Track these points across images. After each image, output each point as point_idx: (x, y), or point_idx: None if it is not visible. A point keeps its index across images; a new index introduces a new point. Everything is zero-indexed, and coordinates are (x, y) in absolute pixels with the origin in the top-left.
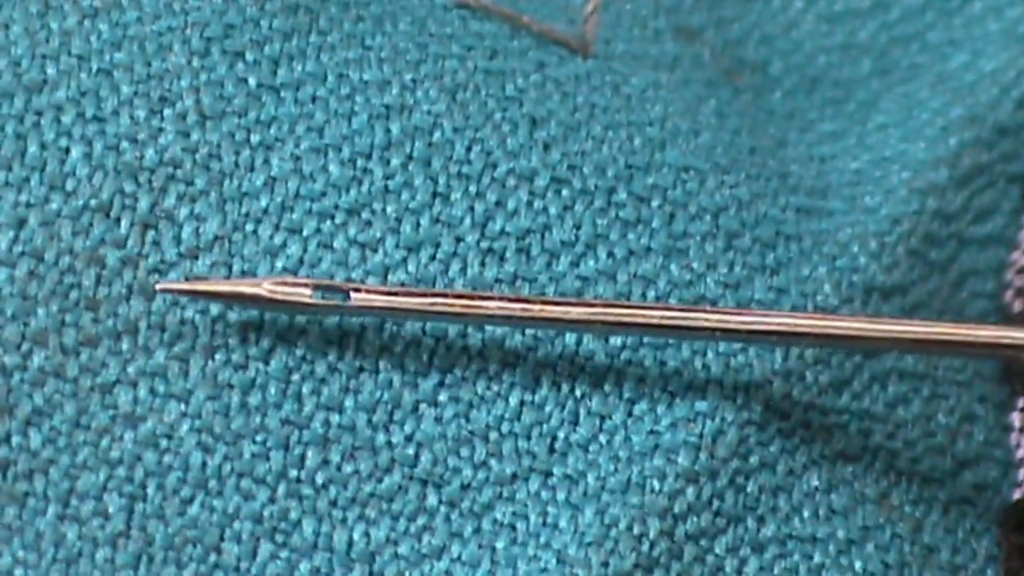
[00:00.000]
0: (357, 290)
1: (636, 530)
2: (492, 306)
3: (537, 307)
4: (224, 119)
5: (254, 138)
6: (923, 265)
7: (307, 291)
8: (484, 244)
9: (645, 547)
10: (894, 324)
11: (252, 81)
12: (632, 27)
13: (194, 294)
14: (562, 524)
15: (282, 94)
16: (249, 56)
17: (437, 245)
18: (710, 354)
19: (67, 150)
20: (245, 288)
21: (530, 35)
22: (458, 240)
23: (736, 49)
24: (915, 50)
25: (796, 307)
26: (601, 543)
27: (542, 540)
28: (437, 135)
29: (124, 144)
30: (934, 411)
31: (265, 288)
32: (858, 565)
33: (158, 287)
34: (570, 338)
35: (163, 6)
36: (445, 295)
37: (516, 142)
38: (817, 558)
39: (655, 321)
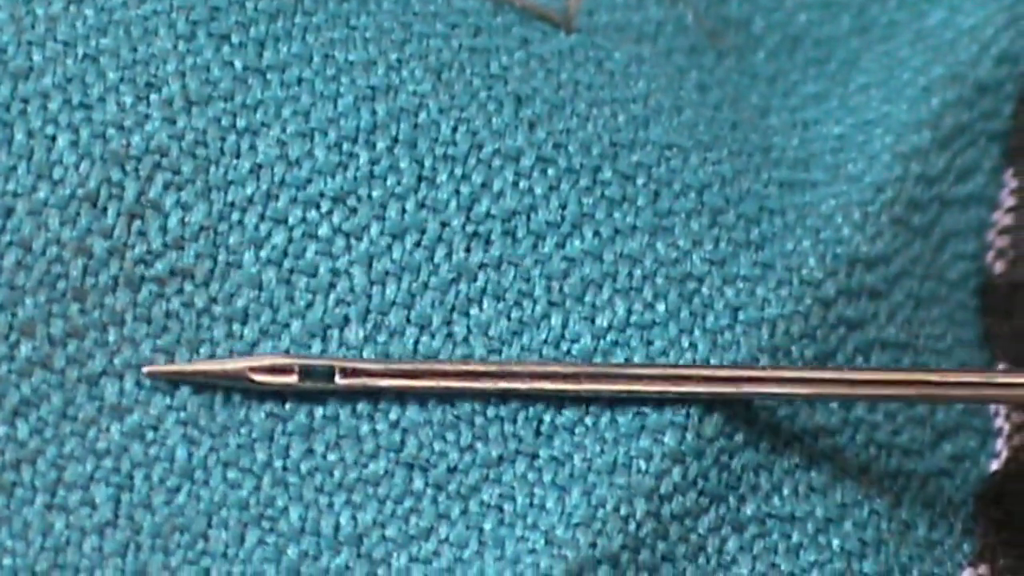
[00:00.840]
0: (344, 370)
1: (623, 511)
2: (483, 385)
3: (525, 384)
4: (210, 104)
5: (240, 123)
6: (906, 232)
7: (294, 377)
8: (470, 228)
9: (632, 527)
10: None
11: (238, 64)
12: None
13: (182, 376)
14: (549, 505)
15: (268, 76)
16: (235, 38)
17: (423, 231)
18: (697, 332)
19: (54, 138)
20: (231, 367)
21: (513, 11)
22: (443, 225)
23: (720, 7)
24: (893, 6)
25: (781, 282)
26: (589, 524)
27: (529, 521)
28: (423, 116)
29: (111, 131)
30: None
31: (249, 373)
32: (835, 543)
33: (145, 371)
34: (556, 323)
35: None
36: (435, 373)
37: (502, 121)
38: (795, 537)
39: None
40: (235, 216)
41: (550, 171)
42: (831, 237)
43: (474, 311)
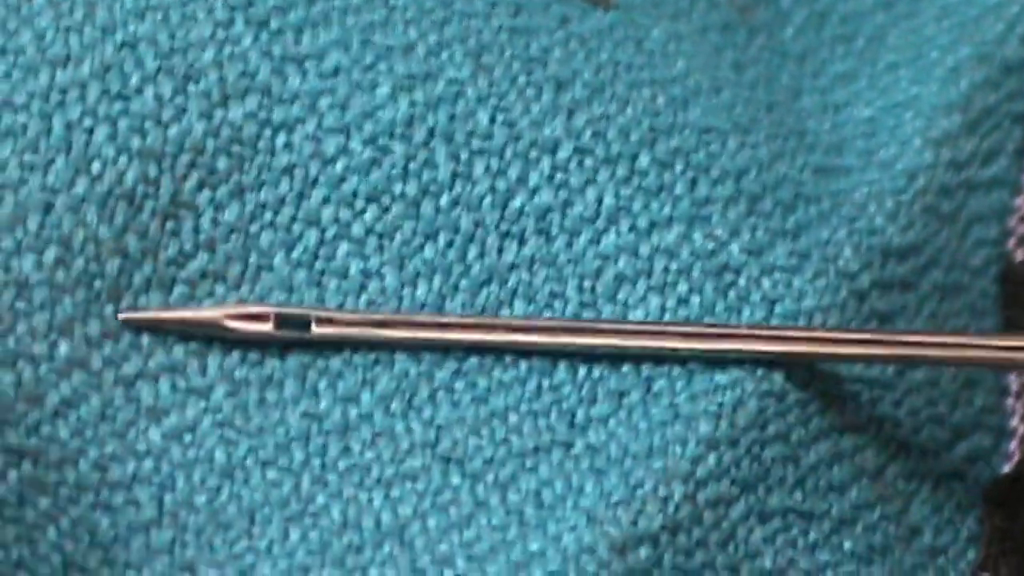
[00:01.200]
0: (319, 319)
1: (661, 492)
2: (460, 336)
3: (503, 336)
4: (247, 96)
5: (276, 117)
6: (935, 220)
7: (268, 325)
8: (504, 226)
9: (671, 509)
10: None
11: (276, 52)
12: None
13: (158, 323)
14: (588, 488)
15: (305, 65)
16: (274, 23)
17: (456, 229)
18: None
19: (91, 130)
20: (207, 314)
21: None
22: (477, 224)
23: None
24: None
25: (817, 273)
26: (628, 503)
27: (569, 503)
28: (461, 105)
29: (148, 124)
30: (939, 375)
31: (225, 320)
32: (847, 545)
33: (121, 317)
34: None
35: None
36: (409, 323)
37: (540, 109)
38: (812, 535)
39: (625, 341)
40: (267, 216)
41: (587, 161)
42: (865, 227)
43: (504, 312)
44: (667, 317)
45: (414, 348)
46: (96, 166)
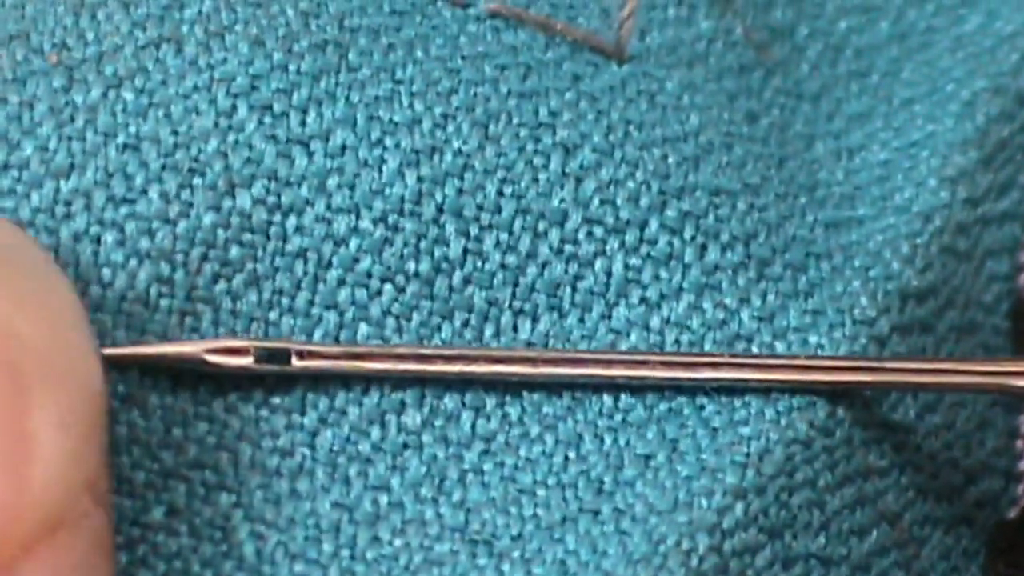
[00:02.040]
0: (300, 352)
1: (685, 545)
2: (443, 369)
3: (486, 367)
4: (254, 182)
5: (285, 200)
6: (953, 259)
7: (248, 359)
8: (516, 304)
9: (694, 562)
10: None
11: (281, 135)
12: (667, 5)
13: (138, 358)
14: (611, 551)
15: (311, 147)
16: (277, 107)
17: (470, 309)
18: (747, 393)
19: (99, 239)
20: (186, 349)
21: (565, 43)
22: (490, 303)
23: (765, 15)
24: (930, 11)
25: (833, 326)
26: (649, 560)
27: (592, 567)
28: (468, 178)
29: (156, 224)
30: (955, 418)
31: (204, 353)
32: None
33: (105, 352)
34: (608, 396)
35: (188, 64)
36: (390, 356)
37: (548, 178)
38: None
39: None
40: (285, 302)
41: (596, 231)
42: (881, 274)
43: (524, 392)
44: (682, 387)
45: (397, 380)
46: (106, 273)
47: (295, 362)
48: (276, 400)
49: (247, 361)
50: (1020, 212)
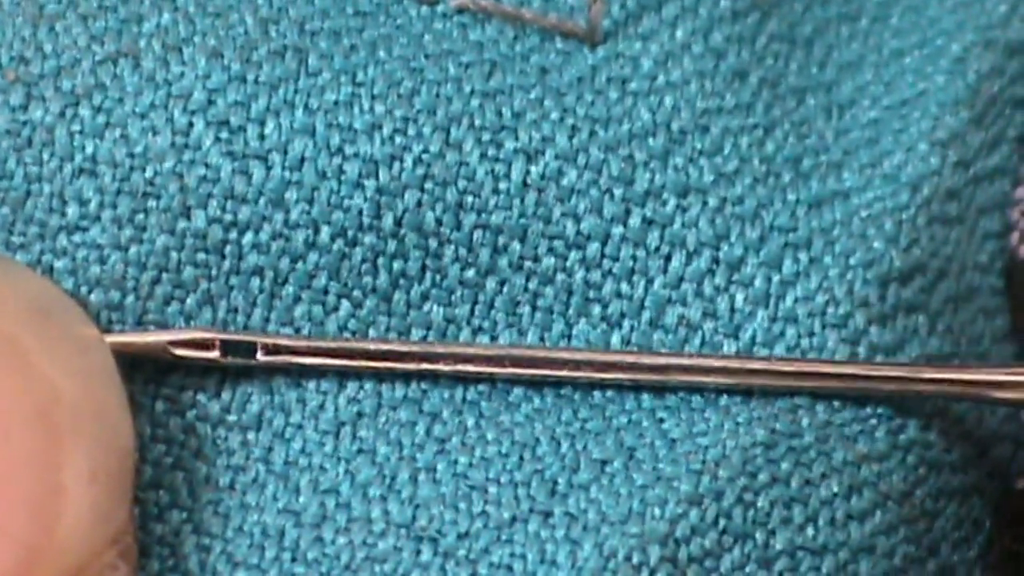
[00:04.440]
0: (265, 346)
1: (635, 559)
2: (404, 366)
3: (448, 367)
4: (210, 201)
5: (241, 217)
6: (943, 227)
7: (215, 353)
8: (476, 321)
9: (644, 575)
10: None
11: (238, 150)
12: None
13: None
14: (560, 560)
15: (269, 160)
16: (234, 121)
17: (428, 326)
18: (709, 411)
19: (51, 267)
20: (152, 338)
21: (534, 33)
22: (448, 320)
23: None
24: None
25: (801, 335)
26: (599, 575)
27: None
28: (428, 186)
29: (107, 251)
30: None
31: (171, 348)
32: (863, 572)
33: None
34: (567, 408)
35: (145, 80)
36: (356, 351)
37: (509, 188)
38: (824, 568)
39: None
40: (239, 320)
41: (556, 245)
42: (862, 260)
43: (483, 403)
44: (644, 398)
45: (362, 375)
46: None
47: (260, 356)
48: (232, 418)
49: (213, 354)
50: (1010, 167)
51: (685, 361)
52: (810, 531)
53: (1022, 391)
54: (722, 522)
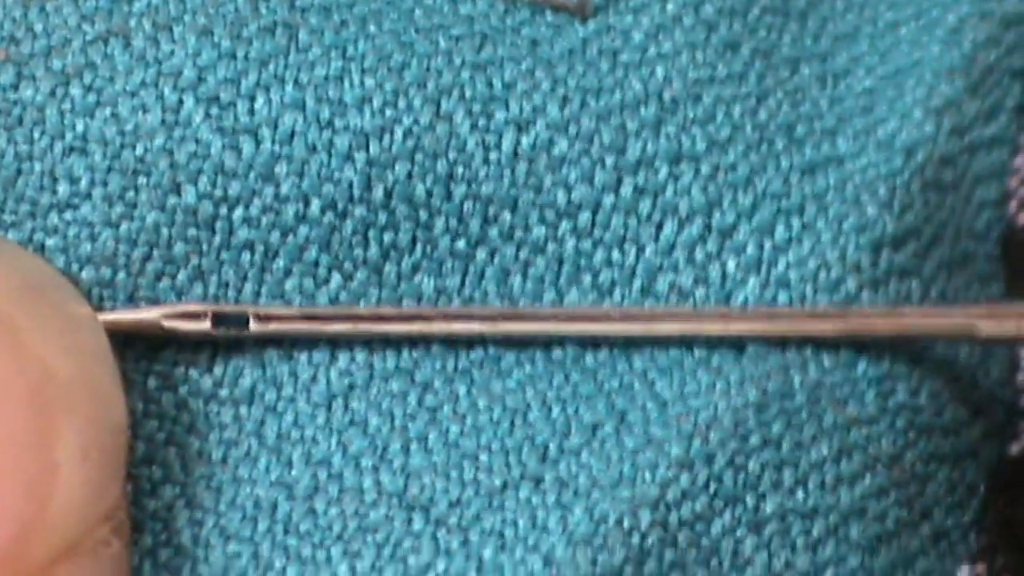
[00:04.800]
0: (257, 315)
1: (626, 523)
2: (397, 328)
3: (439, 325)
4: (200, 177)
5: (232, 192)
6: (937, 193)
7: (206, 324)
8: (465, 291)
9: (635, 539)
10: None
11: (228, 125)
12: None
13: None
14: (551, 525)
15: (259, 135)
16: (224, 97)
17: (419, 297)
18: (700, 371)
19: (42, 245)
20: (143, 315)
21: (524, 6)
22: (439, 292)
23: None
24: None
25: (793, 300)
26: (590, 540)
27: (530, 543)
28: (419, 158)
29: (98, 228)
30: (956, 353)
31: (164, 320)
32: (854, 536)
33: None
34: (559, 374)
35: (135, 59)
36: (346, 317)
37: (499, 158)
38: (815, 532)
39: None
40: (230, 295)
41: (548, 214)
42: (854, 224)
43: (474, 371)
44: (634, 359)
45: (354, 341)
46: None
47: (253, 326)
48: (224, 393)
49: (204, 325)
50: (1008, 136)
51: (677, 312)
52: (800, 494)
53: (1005, 325)
54: (713, 486)
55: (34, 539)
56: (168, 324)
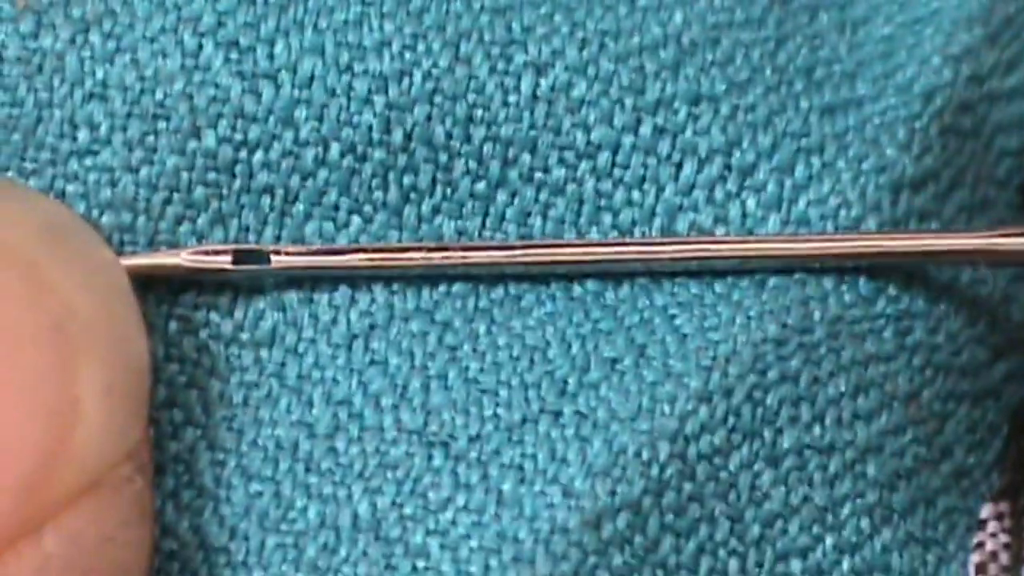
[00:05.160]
0: (277, 252)
1: (645, 455)
2: (416, 257)
3: (459, 254)
4: (220, 121)
5: (252, 136)
6: (956, 138)
7: (227, 258)
8: (486, 233)
9: (655, 471)
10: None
11: (248, 69)
12: None
13: None
14: (570, 457)
15: (279, 79)
16: (244, 41)
17: (440, 238)
18: (721, 307)
19: (63, 192)
20: (164, 260)
21: None
22: (460, 233)
23: None
24: None
25: (814, 235)
26: (608, 472)
27: (549, 476)
28: (438, 101)
29: (118, 173)
30: (976, 294)
31: (184, 258)
32: (871, 472)
33: None
34: (579, 311)
35: (155, 5)
36: (366, 249)
37: (518, 101)
38: (832, 467)
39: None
40: (251, 239)
41: (567, 156)
42: (874, 165)
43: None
44: (653, 293)
45: (374, 281)
46: None
47: (274, 260)
48: (245, 336)
49: (225, 259)
50: None
51: (696, 245)
52: (817, 430)
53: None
54: (731, 419)
55: (57, 471)
56: (189, 262)
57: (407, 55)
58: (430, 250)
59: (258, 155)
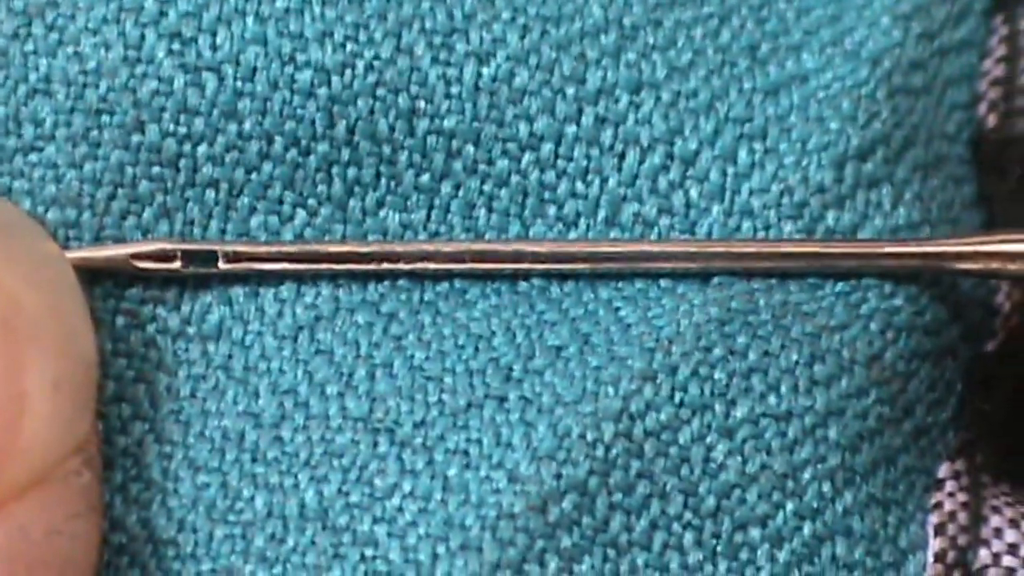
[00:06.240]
0: (226, 254)
1: (589, 436)
2: (360, 267)
3: (403, 265)
4: (163, 116)
5: (195, 129)
6: (908, 97)
7: (177, 264)
8: (431, 226)
9: (599, 452)
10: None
11: (191, 61)
12: None
13: None
14: (515, 442)
15: (222, 71)
16: (186, 31)
17: (384, 232)
18: (665, 284)
19: (9, 189)
20: (111, 252)
21: None
22: (405, 226)
23: None
24: None
25: (757, 228)
26: (553, 455)
27: (495, 460)
28: (380, 93)
29: (62, 169)
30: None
31: (131, 258)
32: (832, 436)
33: None
34: (524, 304)
35: None
36: (317, 254)
37: (460, 92)
38: (791, 434)
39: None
40: (196, 232)
41: (510, 147)
42: (817, 144)
43: (440, 303)
44: (597, 287)
45: (319, 281)
46: None
47: (222, 264)
48: (192, 330)
49: (175, 265)
50: (977, 40)
51: (645, 248)
52: (772, 399)
53: (984, 261)
54: (678, 396)
55: (4, 464)
56: (139, 264)
57: (349, 46)
58: (380, 259)
59: (202, 148)
